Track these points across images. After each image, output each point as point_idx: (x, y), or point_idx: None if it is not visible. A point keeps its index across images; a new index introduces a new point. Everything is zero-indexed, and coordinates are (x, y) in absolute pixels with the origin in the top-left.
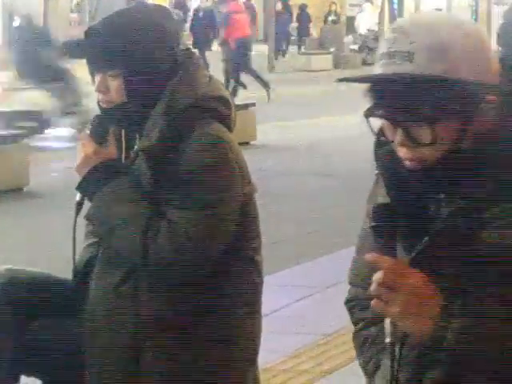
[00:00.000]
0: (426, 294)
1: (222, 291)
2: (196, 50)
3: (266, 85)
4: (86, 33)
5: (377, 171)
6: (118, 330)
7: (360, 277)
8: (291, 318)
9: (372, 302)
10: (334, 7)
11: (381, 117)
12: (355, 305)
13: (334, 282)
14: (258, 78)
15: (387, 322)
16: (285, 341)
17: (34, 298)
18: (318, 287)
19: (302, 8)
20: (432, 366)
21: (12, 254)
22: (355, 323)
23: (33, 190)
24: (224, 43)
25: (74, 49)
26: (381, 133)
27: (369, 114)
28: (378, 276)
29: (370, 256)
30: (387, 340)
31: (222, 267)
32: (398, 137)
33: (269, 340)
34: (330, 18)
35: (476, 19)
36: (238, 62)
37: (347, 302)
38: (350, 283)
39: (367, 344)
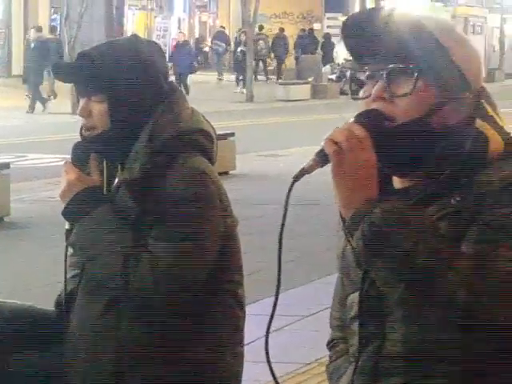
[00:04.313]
0: (371, 176)
1: (203, 323)
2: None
3: None
4: (78, 56)
5: None
6: (100, 359)
7: (335, 320)
8: (271, 348)
9: (325, 142)
10: (243, 37)
11: (369, 67)
12: (333, 345)
13: (312, 311)
14: None
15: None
16: (265, 370)
17: (15, 331)
18: (297, 316)
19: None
20: (385, 376)
21: None
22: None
23: (14, 220)
24: None
25: (63, 71)
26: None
27: (354, 69)
28: (346, 131)
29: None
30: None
31: (204, 300)
32: (375, 89)
33: (248, 369)
34: (240, 49)
35: None
36: None
37: (328, 343)
38: (330, 327)
39: (334, 362)
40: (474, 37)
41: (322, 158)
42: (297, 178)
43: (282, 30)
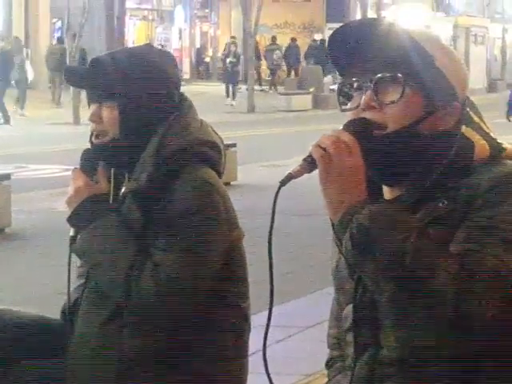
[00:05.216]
0: (359, 181)
1: (207, 334)
2: None
3: None
4: (90, 62)
5: None
6: (102, 368)
7: (333, 339)
8: (272, 359)
9: (313, 147)
10: (233, 48)
11: (356, 79)
12: (331, 365)
13: (314, 323)
14: None
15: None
16: (266, 381)
17: (17, 339)
18: (298, 327)
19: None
20: (381, 381)
21: None
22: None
23: (15, 231)
24: None
25: (75, 76)
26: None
27: (343, 83)
28: (333, 137)
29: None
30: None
31: (207, 311)
32: (364, 98)
33: (250, 381)
34: (229, 60)
35: None
36: None
37: (326, 363)
38: (328, 346)
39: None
40: (476, 47)
41: (309, 164)
42: (283, 183)
43: (294, 39)
